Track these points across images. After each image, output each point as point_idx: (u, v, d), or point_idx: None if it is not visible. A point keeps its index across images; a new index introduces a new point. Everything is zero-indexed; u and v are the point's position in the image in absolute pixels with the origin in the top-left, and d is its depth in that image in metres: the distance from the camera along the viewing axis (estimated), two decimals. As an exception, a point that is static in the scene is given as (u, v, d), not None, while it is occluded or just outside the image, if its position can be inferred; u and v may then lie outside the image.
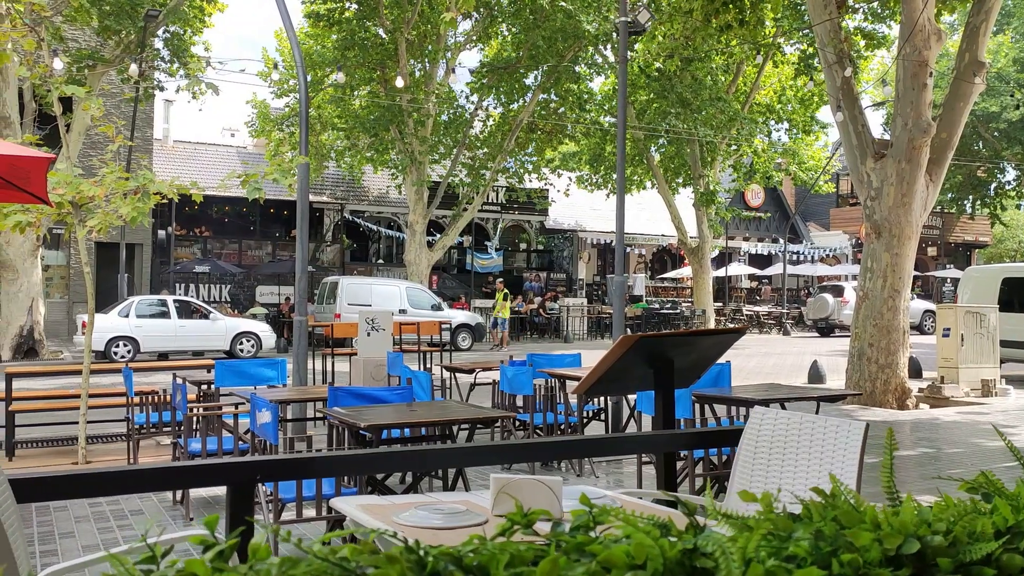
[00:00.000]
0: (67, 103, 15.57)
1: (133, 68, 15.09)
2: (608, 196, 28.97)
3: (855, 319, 11.64)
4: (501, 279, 24.29)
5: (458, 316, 21.50)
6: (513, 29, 22.44)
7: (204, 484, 2.12)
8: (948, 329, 12.60)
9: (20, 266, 17.42)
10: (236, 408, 6.94)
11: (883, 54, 28.77)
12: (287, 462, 2.16)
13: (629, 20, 8.81)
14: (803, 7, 19.19)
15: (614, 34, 20.94)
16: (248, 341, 18.75)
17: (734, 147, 25.86)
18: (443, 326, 13.77)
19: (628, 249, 30.55)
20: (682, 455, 5.43)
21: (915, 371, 13.85)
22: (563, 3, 20.22)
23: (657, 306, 28.24)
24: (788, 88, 25.91)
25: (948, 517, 0.95)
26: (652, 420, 6.54)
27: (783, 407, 5.93)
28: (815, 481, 2.33)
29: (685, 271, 30.88)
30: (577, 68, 22.99)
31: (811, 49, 21.28)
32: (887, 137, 13.24)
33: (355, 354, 10.15)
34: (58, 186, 7.59)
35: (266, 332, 19.19)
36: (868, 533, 0.84)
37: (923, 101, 10.97)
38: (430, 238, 24.45)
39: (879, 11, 18.56)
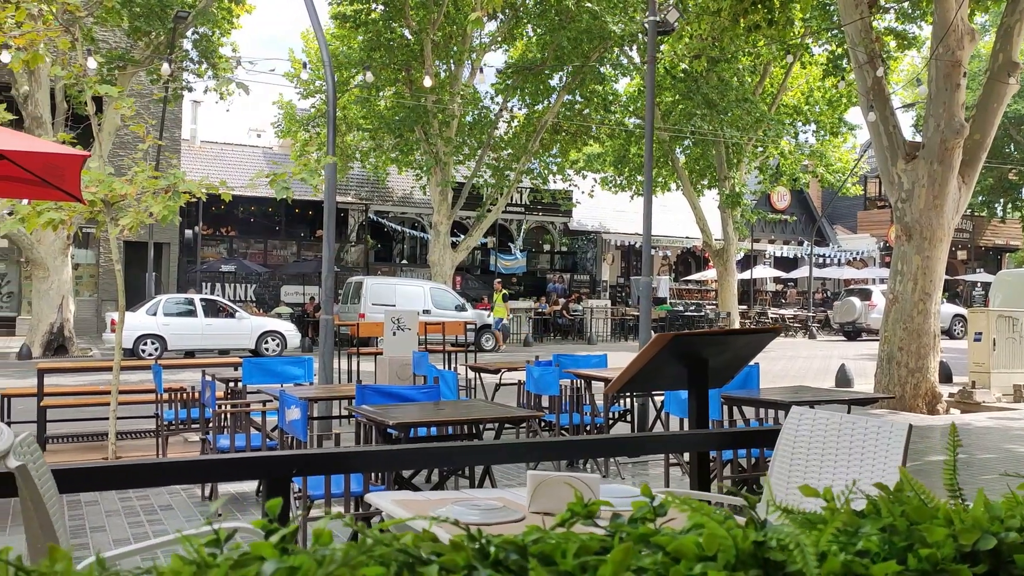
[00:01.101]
0: (97, 104, 15.75)
1: (165, 68, 15.25)
2: (632, 198, 28.87)
3: (884, 322, 11.50)
4: (499, 279, 23.81)
5: (482, 317, 21.51)
6: (538, 30, 22.42)
7: (242, 477, 2.12)
8: (980, 333, 12.42)
9: (51, 264, 17.65)
10: (264, 405, 6.98)
11: (912, 55, 28.44)
12: (324, 456, 2.15)
13: (658, 19, 8.77)
14: (832, 7, 19.02)
15: (640, 35, 20.87)
16: (273, 340, 18.87)
17: (760, 149, 25.67)
18: (468, 326, 13.77)
19: (652, 251, 30.42)
20: (710, 456, 5.38)
21: (945, 376, 13.65)
22: (589, 4, 20.18)
23: (681, 308, 28.09)
24: (816, 89, 25.68)
25: (1020, 513, 0.92)
26: (680, 421, 6.50)
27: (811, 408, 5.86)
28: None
29: (710, 273, 30.70)
30: (602, 69, 22.93)
31: (840, 50, 21.08)
32: (916, 139, 13.06)
33: (380, 353, 10.17)
34: (91, 184, 7.66)
35: (291, 331, 19.31)
36: (942, 529, 0.82)
37: (956, 102, 10.82)
38: (454, 239, 24.48)
39: (910, 11, 18.35)
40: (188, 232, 25.83)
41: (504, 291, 21.88)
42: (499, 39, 23.27)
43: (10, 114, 8.07)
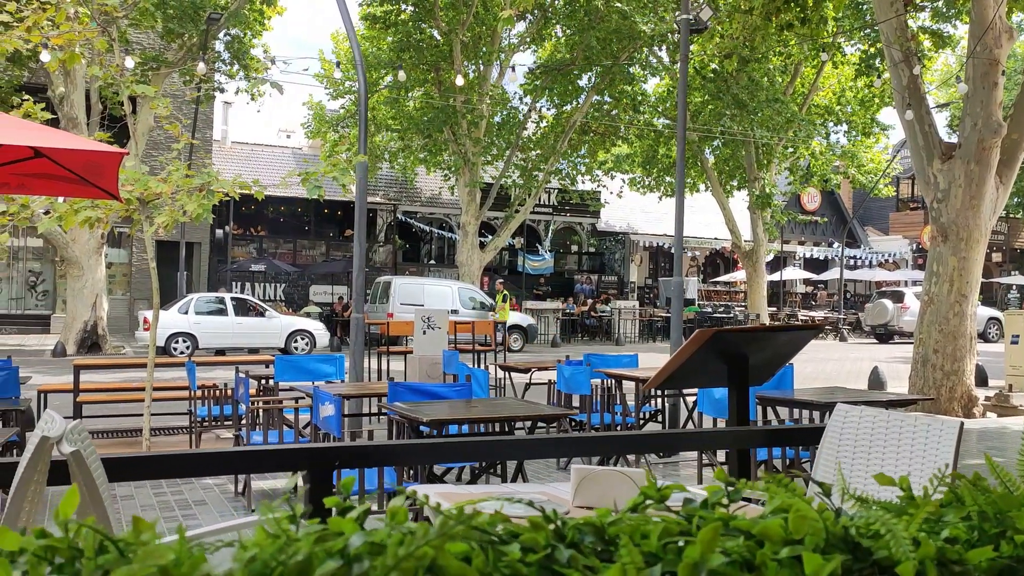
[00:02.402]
0: (131, 104, 15.95)
1: (201, 66, 15.42)
2: (660, 199, 28.73)
3: (919, 324, 11.33)
4: (501, 280, 22.87)
5: (511, 317, 21.50)
6: (567, 30, 22.38)
7: (286, 468, 2.12)
8: (1017, 336, 12.20)
9: (85, 263, 17.90)
10: (296, 403, 7.02)
11: (946, 55, 28.03)
12: (369, 448, 2.15)
13: (690, 18, 8.71)
14: (865, 6, 18.80)
15: (670, 34, 20.75)
16: (303, 339, 19.00)
17: (791, 149, 25.42)
18: (497, 325, 13.78)
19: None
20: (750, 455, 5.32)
21: (981, 379, 13.43)
22: (618, 4, 20.11)
23: (710, 310, 27.90)
24: (848, 89, 25.39)
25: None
26: (713, 421, 6.44)
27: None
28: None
29: (739, 275, 30.46)
30: (631, 69, 22.84)
31: (872, 49, 20.83)
32: (950, 140, 12.86)
33: (409, 352, 10.20)
34: (127, 183, 7.75)
35: (320, 330, 19.43)
36: (1034, 516, 0.79)
37: (993, 101, 10.64)
38: (482, 239, 24.51)
39: (944, 10, 18.09)
40: (219, 232, 26.10)
41: (505, 291, 21.07)
42: (528, 39, 23.27)
43: (48, 113, 8.19)
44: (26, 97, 8.08)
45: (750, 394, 5.67)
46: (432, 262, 29.83)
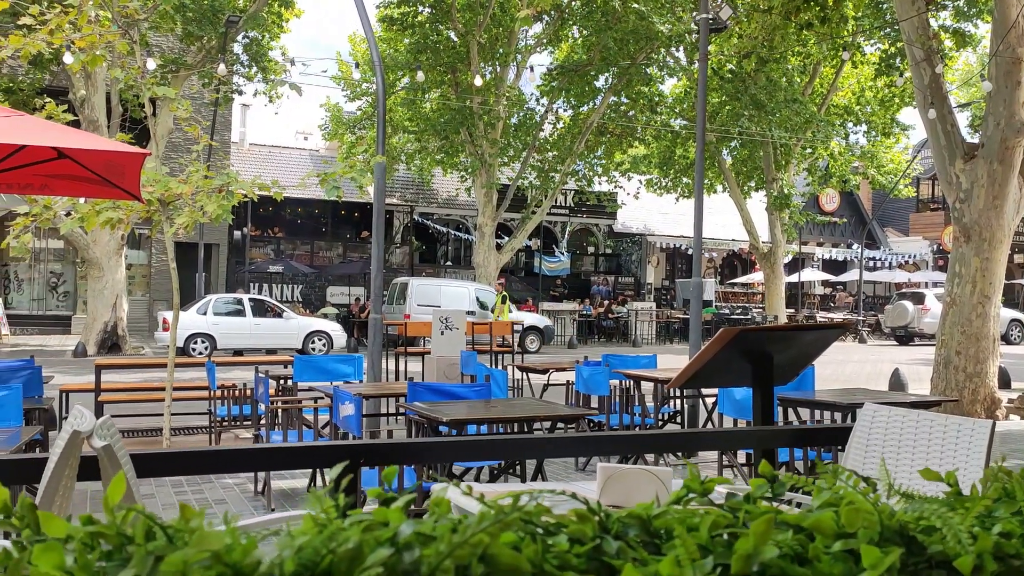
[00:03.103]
0: (151, 106, 16.07)
1: (221, 68, 15.53)
2: (677, 200, 28.63)
3: (941, 326, 11.22)
4: (501, 281, 22.26)
5: (527, 318, 21.49)
6: (584, 31, 22.35)
7: (309, 465, 2.12)
8: (1041, 338, 12.05)
9: (105, 264, 18.04)
10: (316, 403, 7.04)
11: (967, 55, 27.78)
12: (392, 446, 2.15)
13: (710, 17, 8.67)
14: (885, 5, 18.65)
15: (687, 35, 20.68)
16: (320, 340, 19.06)
17: (809, 150, 25.26)
18: (515, 326, 13.77)
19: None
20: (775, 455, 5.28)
21: (1003, 381, 13.29)
22: (636, 4, 20.05)
23: (727, 311, 27.77)
24: (868, 89, 25.19)
25: None
26: (734, 422, 6.40)
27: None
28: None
29: (756, 276, 30.30)
30: (648, 70, 22.77)
31: (892, 48, 20.66)
32: (971, 140, 12.72)
33: (426, 353, 10.21)
34: (148, 184, 7.79)
35: (337, 331, 19.49)
36: (1090, 511, 0.77)
37: (1017, 100, 10.53)
38: (499, 241, 24.51)
39: (966, 9, 17.93)
40: (237, 233, 26.25)
41: (504, 293, 20.23)
42: (544, 41, 23.25)
43: (70, 115, 8.26)
44: (48, 100, 8.14)
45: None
46: (448, 263, 29.87)
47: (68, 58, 7.89)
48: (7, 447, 3.81)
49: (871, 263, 32.94)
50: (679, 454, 7.58)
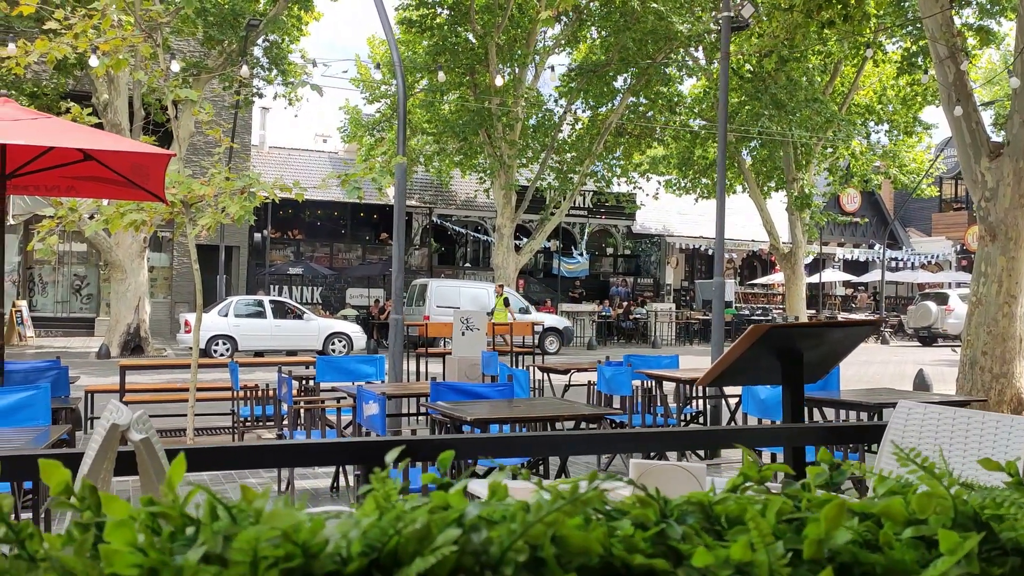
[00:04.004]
0: (174, 109, 16.21)
1: (244, 70, 15.65)
2: (697, 201, 28.50)
3: (967, 326, 11.08)
4: (501, 283, 21.61)
5: (546, 320, 21.47)
6: (603, 32, 22.30)
7: (340, 462, 2.12)
8: (1068, 338, 11.87)
9: (128, 266, 18.20)
10: (339, 403, 7.06)
11: (990, 53, 27.50)
12: (426, 442, 2.14)
13: (731, 15, 8.62)
14: (907, 3, 18.49)
15: (706, 35, 20.58)
16: (340, 341, 19.13)
17: (830, 150, 25.07)
18: (535, 327, 13.75)
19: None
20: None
21: (1030, 382, 13.09)
22: (655, 4, 19.99)
23: (747, 312, 27.61)
24: (889, 88, 24.97)
25: None
26: (758, 422, 6.35)
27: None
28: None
29: (776, 277, 30.11)
30: (667, 70, 22.69)
31: (915, 46, 20.48)
32: (995, 139, 12.56)
33: (447, 354, 10.22)
34: (171, 186, 7.85)
35: (357, 333, 19.55)
36: None
37: (1043, 96, 10.39)
38: (517, 242, 24.50)
39: (989, 6, 17.75)
40: (257, 236, 26.41)
41: (505, 295, 19.69)
42: (563, 42, 23.23)
43: (95, 118, 8.33)
44: (71, 104, 8.22)
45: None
46: (467, 265, 29.89)
47: (94, 61, 7.96)
48: (36, 445, 3.84)
49: (893, 263, 32.65)
50: (701, 456, 7.53)
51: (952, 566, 0.59)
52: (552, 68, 21.79)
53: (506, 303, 18.91)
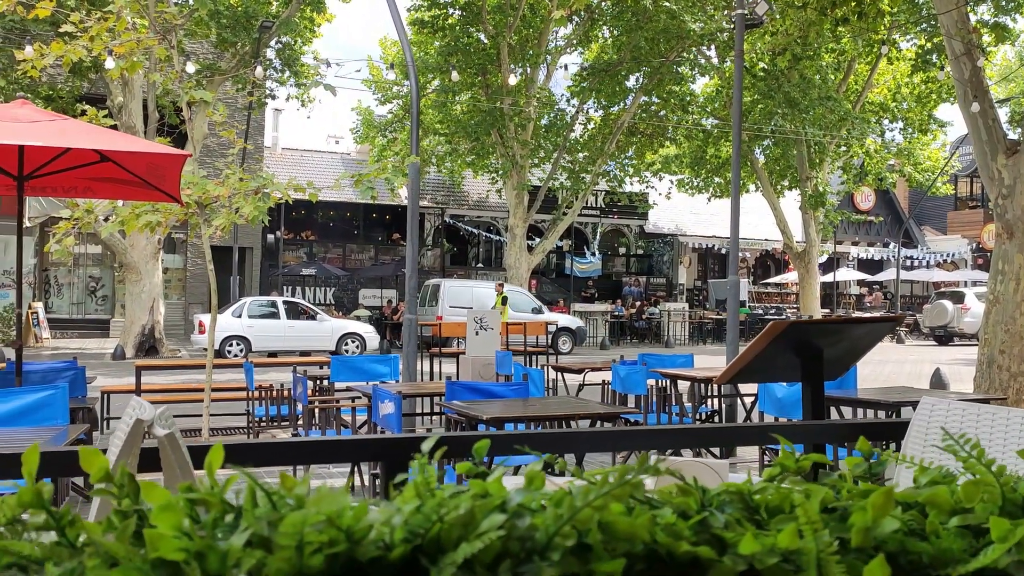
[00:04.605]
0: (188, 110, 16.29)
1: (259, 71, 15.71)
2: (709, 200, 28.42)
3: (984, 325, 10.99)
4: (501, 282, 21.65)
5: (559, 319, 21.45)
6: (615, 31, 22.27)
7: (363, 459, 2.12)
8: (1087, 336, 11.76)
9: (143, 268, 18.30)
10: (353, 402, 7.07)
11: (1004, 50, 27.29)
12: (445, 439, 2.14)
13: (745, 13, 8.59)
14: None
15: (719, 33, 20.52)
16: (353, 342, 19.17)
17: (844, 148, 24.94)
18: (549, 326, 13.74)
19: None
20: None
21: (1048, 381, 12.97)
22: (667, 3, 19.94)
23: (761, 312, 27.50)
24: (904, 85, 24.82)
25: None
26: (775, 420, 6.31)
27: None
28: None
29: (790, 276, 29.98)
30: (679, 69, 22.62)
31: (929, 44, 20.34)
32: (1012, 137, 12.45)
33: (460, 354, 10.21)
34: (186, 187, 7.88)
35: (370, 333, 19.58)
36: None
37: (1061, 92, 10.30)
38: (530, 242, 24.49)
39: (1004, 3, 17.60)
40: (270, 237, 26.50)
41: (504, 293, 19.74)
42: (575, 41, 23.21)
43: (111, 119, 8.38)
44: (87, 107, 8.26)
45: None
46: (480, 265, 29.90)
47: (109, 63, 8.00)
48: (55, 444, 3.86)
49: (908, 262, 32.44)
50: (716, 454, 7.49)
51: (1003, 554, 0.58)
52: (566, 67, 21.73)
53: (504, 301, 18.87)
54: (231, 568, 0.51)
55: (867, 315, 27.66)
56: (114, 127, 10.03)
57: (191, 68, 10.15)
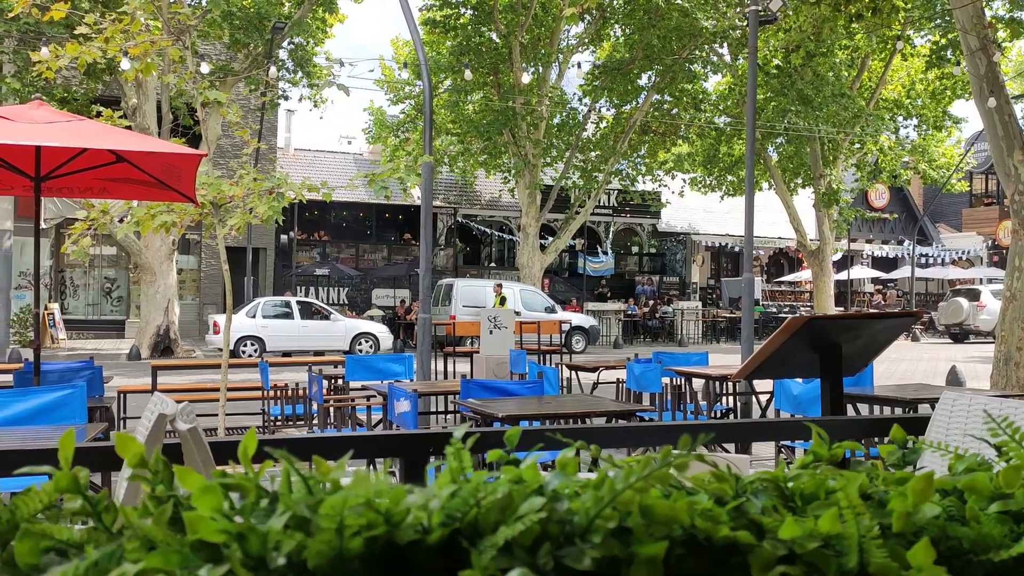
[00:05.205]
0: (202, 111, 16.37)
1: (272, 71, 15.78)
2: (722, 198, 28.32)
3: (1001, 322, 10.90)
4: (500, 282, 21.42)
5: (573, 319, 21.43)
6: (626, 30, 22.22)
7: (383, 454, 2.12)
8: (1106, 333, 11.64)
9: (157, 269, 18.39)
10: (368, 401, 7.08)
11: (1020, 46, 27.07)
12: (471, 432, 2.14)
13: (760, 9, 8.55)
14: (936, -5, 18.25)
15: (731, 31, 20.44)
16: (367, 342, 19.21)
17: (858, 145, 24.79)
18: (563, 324, 13.73)
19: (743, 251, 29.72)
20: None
21: (1067, 378, 12.85)
22: (679, 1, 19.88)
23: (774, 310, 27.38)
24: (919, 82, 24.65)
25: None
26: (791, 417, 6.28)
27: (933, 409, 5.58)
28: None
29: (804, 274, 29.84)
30: (692, 67, 22.55)
31: (943, 40, 20.19)
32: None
33: (475, 353, 10.22)
34: (200, 187, 7.91)
35: (384, 333, 19.62)
36: None
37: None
38: (542, 241, 24.47)
39: (1020, -2, 17.44)
40: (283, 237, 26.60)
41: (503, 294, 19.59)
42: (586, 40, 23.17)
43: (126, 121, 8.42)
44: (102, 109, 8.30)
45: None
46: (492, 265, 29.90)
47: (125, 64, 8.05)
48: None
49: (923, 260, 32.23)
50: (731, 450, 7.45)
51: (1047, 539, 0.58)
52: (579, 65, 21.65)
53: (503, 302, 18.83)
54: (271, 551, 0.51)
55: (886, 310, 27.50)
56: (128, 129, 10.09)
57: (205, 68, 10.20)
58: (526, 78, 19.21)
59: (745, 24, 14.41)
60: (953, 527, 0.61)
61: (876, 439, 4.86)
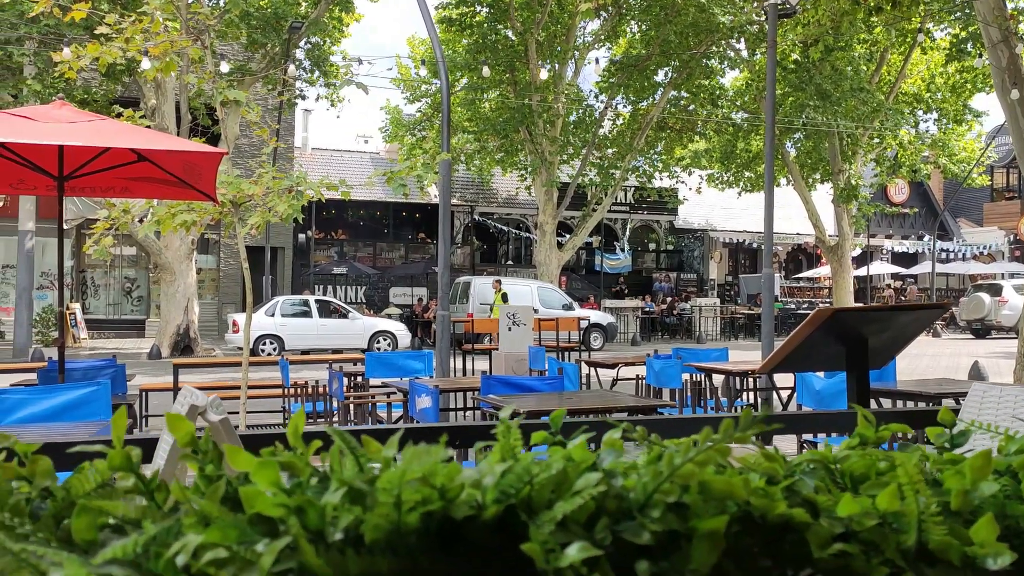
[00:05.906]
0: (215, 116, 16.48)
1: (291, 69, 15.85)
2: (740, 195, 28.18)
3: (1023, 317, 10.79)
4: (499, 279, 21.20)
5: (590, 316, 21.40)
6: (643, 26, 22.14)
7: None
8: None
9: (177, 268, 18.53)
10: (389, 397, 7.10)
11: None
12: (477, 428, 2.14)
13: (778, 3, 8.50)
14: (957, -13, 18.06)
15: (748, 26, 20.32)
16: (385, 340, 19.27)
17: (877, 140, 24.58)
18: (581, 321, 13.71)
19: (762, 248, 29.55)
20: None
21: (1092, 373, 12.70)
22: (695, -4, 19.80)
23: (793, 306, 27.22)
24: (938, 76, 24.40)
25: None
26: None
27: (957, 403, 5.52)
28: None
29: (823, 270, 29.64)
30: (709, 63, 22.44)
31: (964, 32, 19.99)
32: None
33: (493, 350, 10.24)
34: (220, 186, 7.94)
35: (402, 331, 19.68)
36: None
37: (1103, 78, 10.08)
38: (559, 239, 24.45)
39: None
40: (301, 236, 26.72)
41: (503, 290, 19.29)
42: (602, 36, 23.11)
43: (146, 121, 8.48)
44: (121, 110, 8.36)
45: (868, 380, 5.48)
46: (509, 262, 29.90)
47: (145, 64, 8.11)
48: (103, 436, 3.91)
49: (944, 255, 31.94)
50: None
51: (1109, 518, 0.57)
52: (596, 60, 21.57)
53: (504, 299, 18.71)
54: (328, 525, 0.51)
55: (912, 303, 27.26)
56: (147, 127, 10.16)
57: (225, 68, 10.26)
58: (544, 74, 19.17)
59: (763, 19, 14.34)
60: (1012, 504, 0.60)
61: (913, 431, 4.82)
